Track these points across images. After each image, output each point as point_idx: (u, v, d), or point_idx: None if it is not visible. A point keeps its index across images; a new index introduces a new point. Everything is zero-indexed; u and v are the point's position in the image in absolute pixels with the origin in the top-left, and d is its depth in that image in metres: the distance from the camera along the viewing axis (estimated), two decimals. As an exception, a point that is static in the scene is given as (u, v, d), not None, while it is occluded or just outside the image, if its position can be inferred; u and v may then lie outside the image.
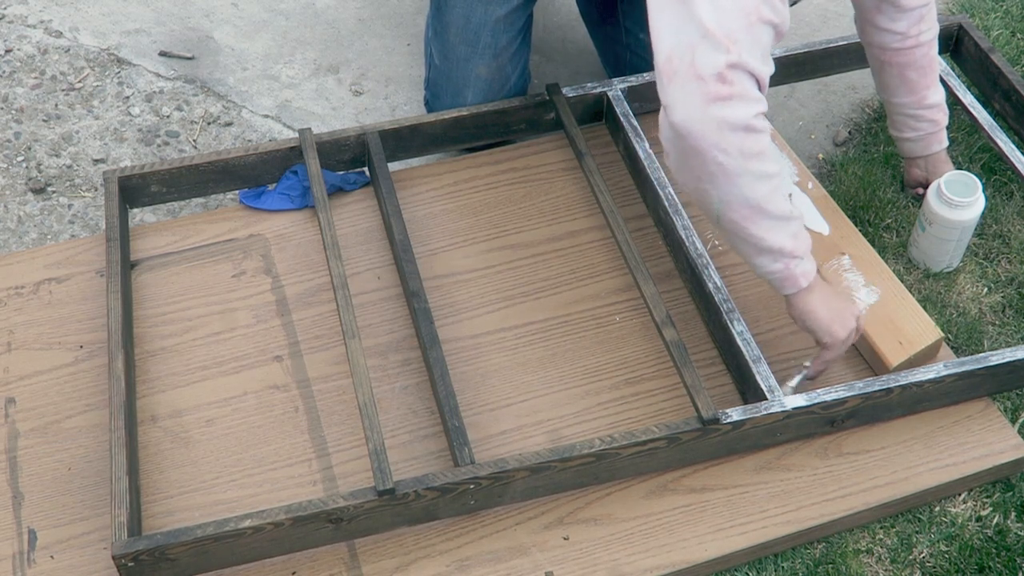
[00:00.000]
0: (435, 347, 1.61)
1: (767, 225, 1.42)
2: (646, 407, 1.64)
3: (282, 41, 2.33)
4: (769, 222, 1.41)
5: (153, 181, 1.85)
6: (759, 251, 1.45)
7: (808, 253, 1.48)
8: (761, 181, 1.37)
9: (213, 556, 1.43)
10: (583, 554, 1.49)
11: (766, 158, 1.36)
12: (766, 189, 1.38)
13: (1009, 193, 1.97)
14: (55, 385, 1.66)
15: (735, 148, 1.33)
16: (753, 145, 1.34)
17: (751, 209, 1.40)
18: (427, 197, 1.92)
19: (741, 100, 1.32)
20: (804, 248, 1.47)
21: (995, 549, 1.53)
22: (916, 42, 1.76)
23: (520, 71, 2.00)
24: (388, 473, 1.44)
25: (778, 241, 1.43)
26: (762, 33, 1.33)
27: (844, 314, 1.55)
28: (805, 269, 1.48)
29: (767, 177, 1.38)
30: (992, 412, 1.64)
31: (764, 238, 1.43)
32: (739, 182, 1.36)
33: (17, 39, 2.30)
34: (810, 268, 1.49)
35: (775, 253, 1.45)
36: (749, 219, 1.41)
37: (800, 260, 1.47)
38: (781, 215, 1.42)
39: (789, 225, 1.44)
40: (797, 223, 1.45)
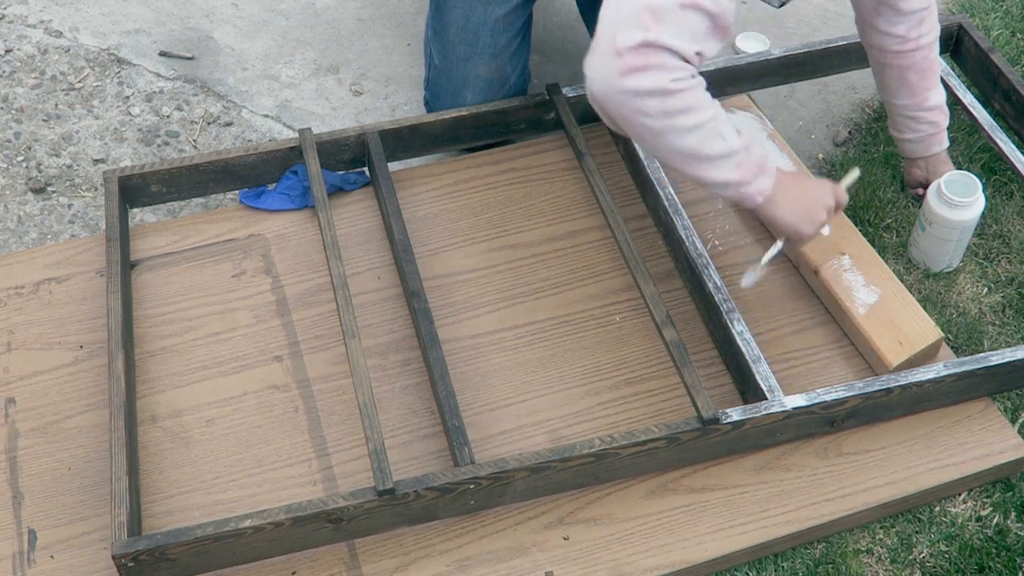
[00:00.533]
0: (435, 347, 1.61)
1: (705, 166, 1.48)
2: (646, 407, 1.64)
3: (282, 41, 2.33)
4: (707, 163, 1.47)
5: (153, 181, 1.85)
6: (708, 185, 1.52)
7: (759, 171, 1.51)
8: (689, 133, 1.43)
9: (213, 556, 1.43)
10: (583, 554, 1.49)
11: (692, 111, 1.42)
12: (696, 138, 1.44)
13: (1009, 193, 1.97)
14: (55, 385, 1.66)
15: (656, 110, 1.41)
16: (675, 103, 1.40)
17: (686, 157, 1.47)
18: (427, 197, 1.92)
19: (657, 69, 1.38)
20: (751, 171, 1.51)
21: (995, 549, 1.53)
22: (916, 45, 1.76)
23: (520, 71, 2.00)
24: (388, 473, 1.44)
25: (721, 176, 1.49)
26: (693, 18, 1.39)
27: (811, 211, 1.58)
28: (759, 187, 1.52)
29: (696, 127, 1.43)
30: (992, 412, 1.64)
31: (707, 177, 1.49)
32: (668, 138, 1.44)
33: (17, 39, 2.30)
34: (763, 184, 1.52)
35: (722, 185, 1.51)
36: (687, 165, 1.48)
37: (749, 184, 1.51)
38: (718, 155, 1.46)
39: (729, 160, 1.48)
40: (741, 154, 1.49)
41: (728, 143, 1.47)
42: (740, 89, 2.04)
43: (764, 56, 2.03)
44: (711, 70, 1.99)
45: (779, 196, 1.55)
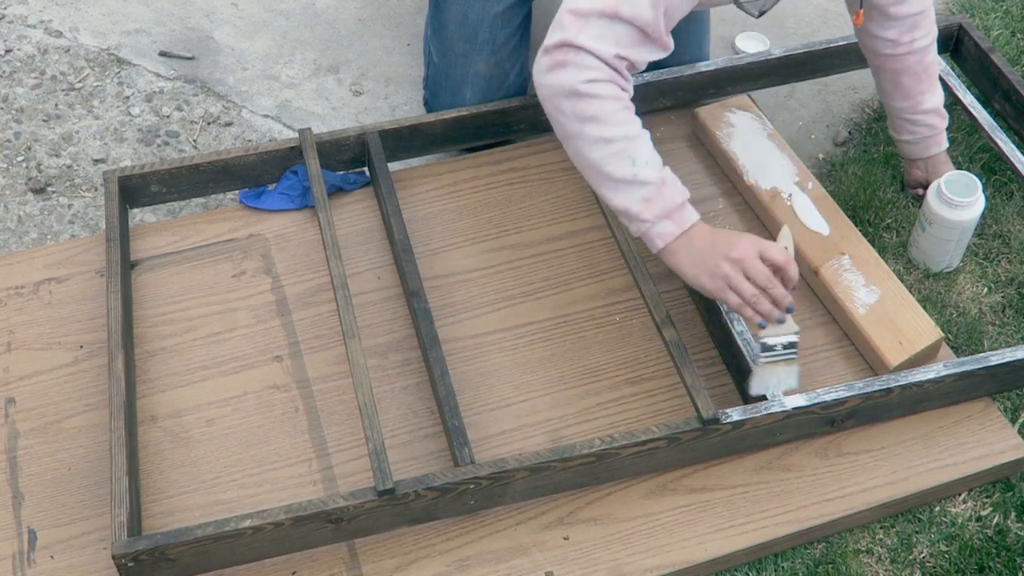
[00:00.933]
0: (435, 347, 1.61)
1: (611, 187, 1.48)
2: (646, 407, 1.64)
3: (282, 41, 2.33)
4: (612, 184, 1.48)
5: (153, 181, 1.85)
6: (613, 210, 1.53)
7: (665, 215, 1.48)
8: (597, 145, 1.46)
9: (213, 556, 1.43)
10: (583, 554, 1.49)
11: (604, 123, 1.45)
12: (603, 153, 1.46)
13: (1009, 193, 1.97)
14: (55, 385, 1.66)
15: (571, 111, 1.46)
16: (587, 109, 1.44)
17: (593, 171, 1.49)
18: (427, 197, 1.92)
19: (574, 67, 1.44)
20: (657, 212, 1.47)
21: (995, 549, 1.53)
22: (908, 49, 1.76)
23: (519, 69, 2.00)
24: (388, 473, 1.44)
25: (623, 204, 1.48)
26: (618, 27, 1.45)
27: (708, 260, 1.47)
28: (661, 230, 1.49)
29: (604, 141, 1.45)
30: (992, 412, 1.64)
31: (610, 199, 1.50)
32: (576, 144, 1.48)
33: (17, 39, 2.30)
34: (667, 230, 1.48)
35: (623, 214, 1.50)
36: (594, 180, 1.51)
37: (652, 223, 1.48)
38: (623, 179, 1.47)
39: (637, 190, 1.47)
40: (650, 188, 1.47)
41: (637, 170, 1.46)
42: (740, 89, 2.04)
43: (764, 56, 2.03)
44: (711, 70, 2.00)
45: (681, 249, 1.49)
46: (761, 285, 1.46)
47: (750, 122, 1.97)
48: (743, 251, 1.46)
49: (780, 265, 1.47)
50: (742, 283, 1.46)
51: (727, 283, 1.47)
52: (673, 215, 1.48)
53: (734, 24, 2.37)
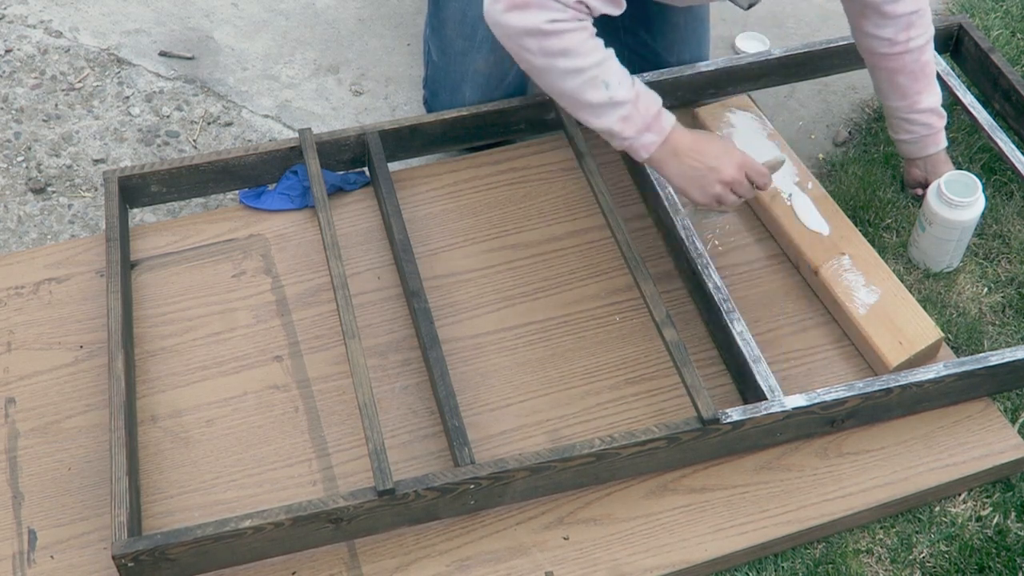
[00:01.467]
0: (435, 347, 1.61)
1: (589, 111, 1.54)
2: (646, 407, 1.64)
3: (282, 41, 2.33)
4: (590, 109, 1.54)
5: (153, 181, 1.85)
6: (598, 132, 1.58)
7: (645, 128, 1.55)
8: (569, 76, 1.51)
9: (213, 556, 1.43)
10: (583, 554, 1.49)
11: (573, 55, 1.49)
12: (576, 82, 1.51)
13: (1009, 193, 1.97)
14: (55, 385, 1.66)
15: (536, 48, 1.50)
16: (554, 44, 1.48)
17: (568, 100, 1.55)
18: (427, 197, 1.92)
19: (536, 8, 1.47)
20: (636, 127, 1.54)
21: (995, 549, 1.53)
22: (904, 48, 1.76)
23: (519, 67, 1.99)
24: (388, 473, 1.44)
25: (605, 125, 1.55)
26: None
27: (702, 180, 1.58)
28: (643, 143, 1.55)
29: (575, 72, 1.50)
30: (992, 412, 1.64)
31: (591, 122, 1.56)
32: (548, 78, 1.53)
33: (17, 39, 2.30)
34: (650, 140, 1.55)
35: (607, 134, 1.57)
36: (572, 108, 1.57)
37: (634, 138, 1.55)
38: (599, 103, 1.52)
39: (614, 111, 1.53)
40: (625, 106, 1.53)
41: (611, 92, 1.52)
42: (740, 89, 2.04)
43: (764, 56, 2.03)
44: (711, 70, 2.00)
45: (668, 156, 1.57)
46: (744, 196, 1.61)
47: (750, 122, 1.97)
48: (734, 174, 1.58)
49: (762, 185, 1.62)
50: (728, 197, 1.60)
51: (715, 199, 1.59)
52: (652, 126, 1.56)
53: (734, 24, 2.37)
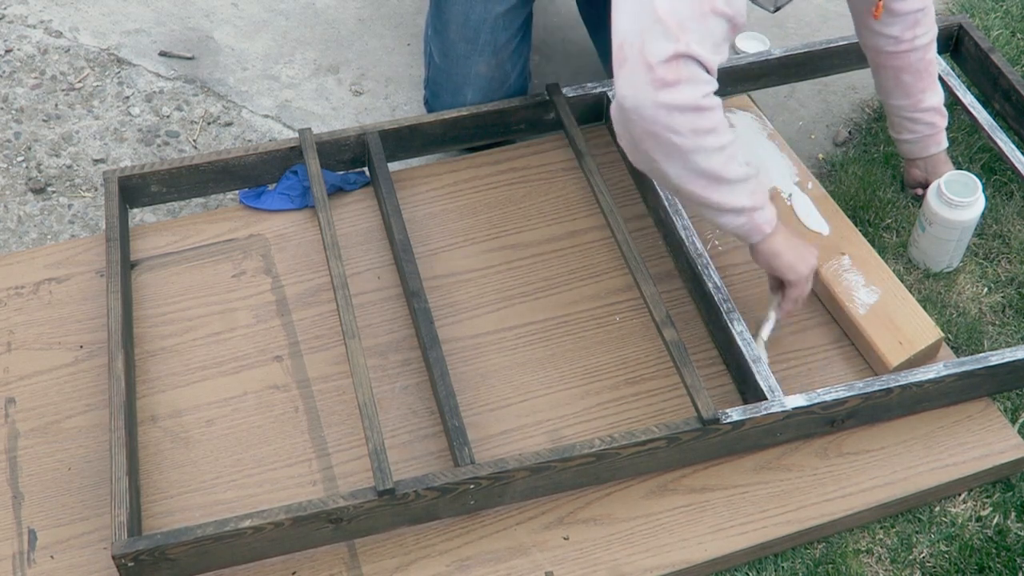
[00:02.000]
0: (435, 347, 1.61)
1: (726, 190, 1.47)
2: (646, 407, 1.64)
3: (282, 41, 2.33)
4: (728, 187, 1.46)
5: (153, 181, 1.85)
6: (722, 213, 1.50)
7: (767, 201, 1.53)
8: (715, 154, 1.42)
9: (213, 556, 1.43)
10: (583, 554, 1.49)
11: (718, 132, 1.41)
12: (721, 159, 1.43)
13: (1009, 193, 1.97)
14: (55, 385, 1.66)
15: (687, 128, 1.38)
16: (704, 123, 1.39)
17: (708, 180, 1.45)
18: (427, 197, 1.92)
19: (689, 83, 1.36)
20: (763, 199, 1.52)
21: (995, 549, 1.53)
22: (911, 46, 1.76)
23: (520, 70, 2.00)
24: (388, 473, 1.44)
25: (739, 202, 1.49)
26: (714, 24, 1.37)
27: (803, 251, 1.59)
28: (767, 217, 1.53)
29: (720, 149, 1.42)
30: (992, 412, 1.64)
31: (725, 202, 1.48)
32: (694, 158, 1.42)
33: (17, 39, 2.30)
34: (771, 215, 1.54)
35: (737, 211, 1.50)
36: (708, 188, 1.46)
37: (761, 211, 1.52)
38: (738, 179, 1.46)
39: (747, 185, 1.48)
40: (754, 180, 1.50)
41: (745, 168, 1.47)
42: (740, 89, 2.04)
43: (764, 56, 2.03)
44: (711, 70, 1.99)
45: (780, 232, 1.55)
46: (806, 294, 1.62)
47: (750, 122, 1.97)
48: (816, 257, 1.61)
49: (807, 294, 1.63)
50: (808, 287, 1.61)
51: (806, 279, 1.59)
52: (769, 200, 1.54)
53: (734, 24, 2.36)
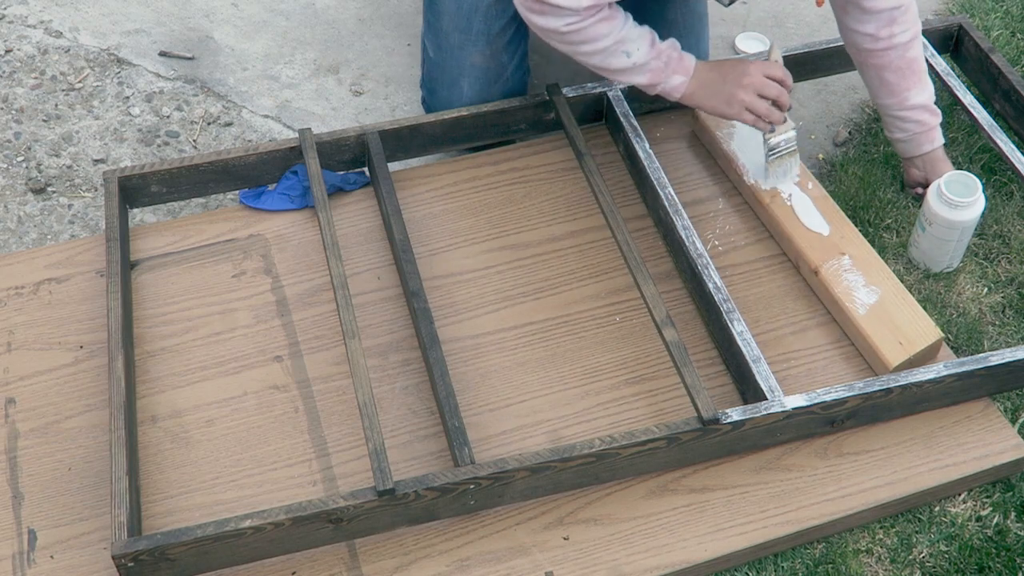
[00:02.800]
0: (435, 347, 1.61)
1: (617, 75, 1.73)
2: (646, 407, 1.64)
3: (282, 41, 2.33)
4: (618, 73, 1.72)
5: (153, 181, 1.85)
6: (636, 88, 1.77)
7: (672, 72, 1.72)
8: (593, 56, 1.69)
9: (213, 556, 1.43)
10: (583, 554, 1.49)
11: (591, 41, 1.66)
12: (599, 59, 1.69)
13: (1009, 193, 1.97)
14: (55, 385, 1.66)
15: (558, 42, 1.69)
16: (573, 38, 1.66)
17: (599, 70, 1.73)
18: (427, 197, 1.92)
19: (550, 15, 1.64)
20: (664, 72, 1.72)
21: (995, 549, 1.53)
22: (889, 44, 1.77)
23: (517, 62, 1.99)
24: (388, 473, 1.44)
25: (635, 81, 1.74)
26: None
27: (729, 93, 1.72)
28: (673, 85, 1.74)
29: (596, 52, 1.68)
30: (992, 412, 1.64)
31: (625, 82, 1.77)
32: (578, 58, 1.71)
33: (17, 39, 2.30)
34: (678, 81, 1.73)
35: (644, 87, 1.75)
36: (604, 74, 1.74)
37: (664, 82, 1.73)
38: (624, 68, 1.70)
39: (640, 72, 1.71)
40: (649, 65, 1.70)
41: (633, 58, 1.69)
42: (740, 89, 2.04)
43: (764, 56, 2.02)
44: (711, 70, 1.99)
45: (696, 89, 1.73)
46: (773, 97, 1.73)
47: (751, 125, 1.97)
48: (752, 77, 1.72)
49: (781, 78, 1.74)
50: (756, 102, 1.73)
51: (744, 107, 1.73)
52: (677, 69, 1.73)
53: (734, 24, 2.37)
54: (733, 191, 1.93)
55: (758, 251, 1.84)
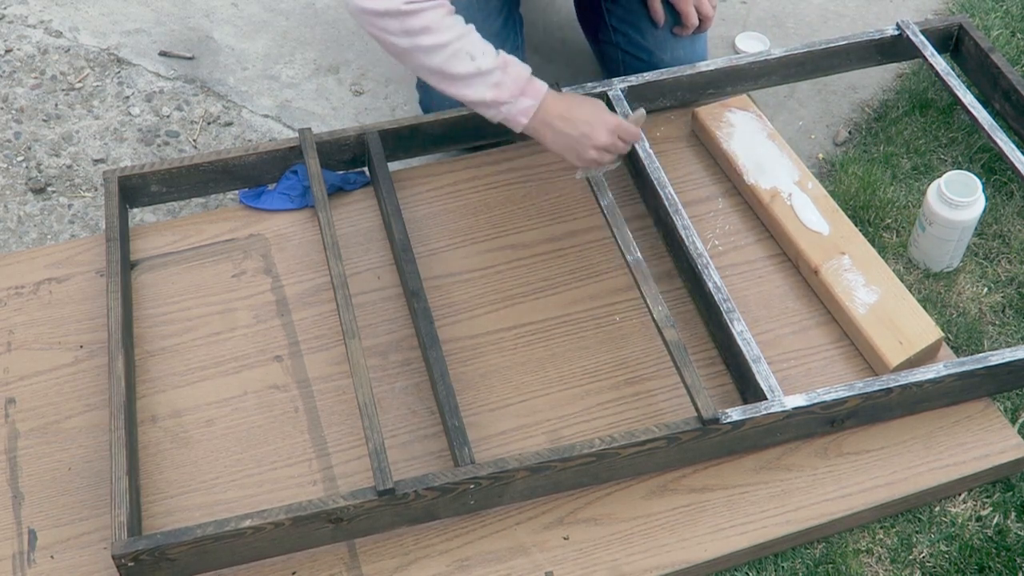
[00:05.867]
0: (435, 347, 1.61)
1: (460, 84, 1.57)
2: (646, 407, 1.64)
3: (282, 41, 2.33)
4: (460, 82, 1.57)
5: (153, 181, 1.85)
6: (474, 106, 1.61)
7: (520, 92, 1.59)
8: (435, 52, 1.54)
9: (213, 556, 1.43)
10: (583, 554, 1.49)
11: (433, 31, 1.53)
12: (442, 57, 1.55)
13: (1009, 193, 1.97)
14: (55, 385, 1.66)
15: (397, 29, 1.52)
16: (414, 23, 1.52)
17: (438, 76, 1.58)
18: (427, 197, 1.92)
19: None
20: (511, 92, 1.59)
21: (995, 549, 1.53)
22: None
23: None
24: (388, 473, 1.44)
25: (478, 95, 1.58)
26: None
27: (577, 146, 1.63)
28: (521, 108, 1.60)
29: (439, 47, 1.54)
30: (992, 412, 1.64)
31: (465, 95, 1.59)
32: (414, 57, 1.56)
33: (17, 39, 2.30)
34: (526, 105, 1.60)
35: (481, 105, 1.60)
36: (442, 84, 1.59)
37: (510, 103, 1.60)
38: (467, 74, 1.56)
39: (484, 79, 1.57)
40: (496, 74, 1.57)
41: (478, 63, 1.55)
42: (740, 89, 2.04)
43: (764, 56, 2.03)
44: (711, 70, 1.99)
45: (543, 126, 1.62)
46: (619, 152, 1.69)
47: (750, 122, 1.97)
48: (606, 140, 1.64)
49: (632, 140, 1.70)
50: (604, 158, 1.67)
51: (592, 163, 1.67)
52: (526, 90, 1.60)
53: (734, 24, 2.37)
54: (733, 191, 1.93)
55: (758, 251, 1.84)
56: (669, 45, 2.04)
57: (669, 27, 2.03)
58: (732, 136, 1.94)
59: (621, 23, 2.05)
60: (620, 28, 2.05)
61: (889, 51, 2.09)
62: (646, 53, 2.04)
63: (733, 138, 1.94)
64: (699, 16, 2.00)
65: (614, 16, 2.06)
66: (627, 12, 2.04)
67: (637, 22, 2.03)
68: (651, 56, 2.03)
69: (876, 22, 2.35)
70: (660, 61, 2.03)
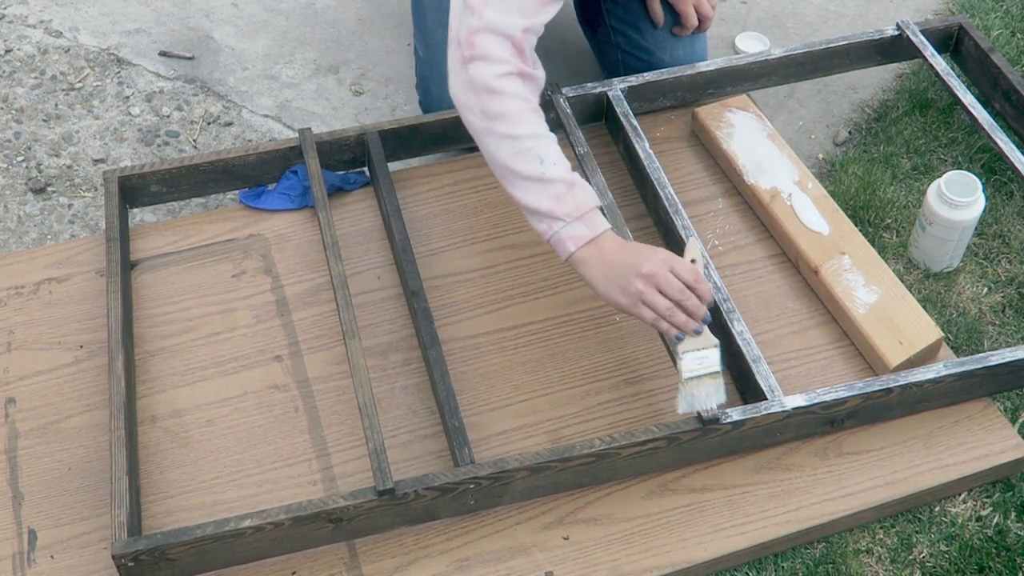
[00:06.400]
0: (435, 347, 1.61)
1: (520, 185, 1.47)
2: (646, 407, 1.64)
3: (282, 41, 2.33)
4: (522, 182, 1.47)
5: (153, 181, 1.85)
6: (526, 212, 1.50)
7: (578, 216, 1.46)
8: (505, 142, 1.46)
9: (213, 556, 1.43)
10: (583, 554, 1.49)
11: (511, 121, 1.45)
12: (510, 149, 1.46)
13: (1009, 193, 1.97)
14: (55, 385, 1.66)
15: (477, 107, 1.46)
16: (495, 106, 1.44)
17: (502, 169, 1.48)
18: (427, 197, 1.92)
19: (483, 61, 1.44)
20: (568, 211, 1.46)
21: (995, 549, 1.53)
22: None
23: None
24: (388, 473, 1.44)
25: (535, 202, 1.47)
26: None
27: (621, 276, 1.45)
28: (573, 232, 1.47)
29: (512, 139, 1.45)
30: (992, 412, 1.64)
31: (520, 198, 1.48)
32: (485, 141, 1.48)
33: (17, 39, 2.30)
34: (580, 233, 1.46)
35: (535, 214, 1.48)
36: (504, 178, 1.49)
37: (565, 224, 1.46)
38: (532, 176, 1.45)
39: (546, 188, 1.45)
40: (559, 186, 1.45)
41: (545, 168, 1.45)
42: (740, 89, 2.04)
43: (764, 56, 2.03)
44: (711, 70, 2.00)
45: (593, 256, 1.47)
46: (675, 299, 1.44)
47: (750, 122, 1.97)
48: (654, 266, 1.44)
49: (690, 283, 1.45)
50: (656, 298, 1.44)
51: (640, 298, 1.45)
52: (585, 218, 1.47)
53: (734, 24, 2.37)
54: (733, 191, 1.93)
55: (758, 251, 1.84)
56: (669, 45, 2.04)
57: (669, 27, 2.03)
58: (732, 136, 1.94)
59: (621, 23, 2.05)
60: (620, 28, 2.05)
61: (889, 51, 2.09)
62: (646, 53, 2.04)
63: (733, 138, 1.94)
64: (698, 16, 2.00)
65: (614, 16, 2.06)
66: (627, 12, 2.04)
67: (637, 22, 2.03)
68: (651, 56, 2.03)
69: (876, 22, 2.35)
70: (660, 61, 2.03)
